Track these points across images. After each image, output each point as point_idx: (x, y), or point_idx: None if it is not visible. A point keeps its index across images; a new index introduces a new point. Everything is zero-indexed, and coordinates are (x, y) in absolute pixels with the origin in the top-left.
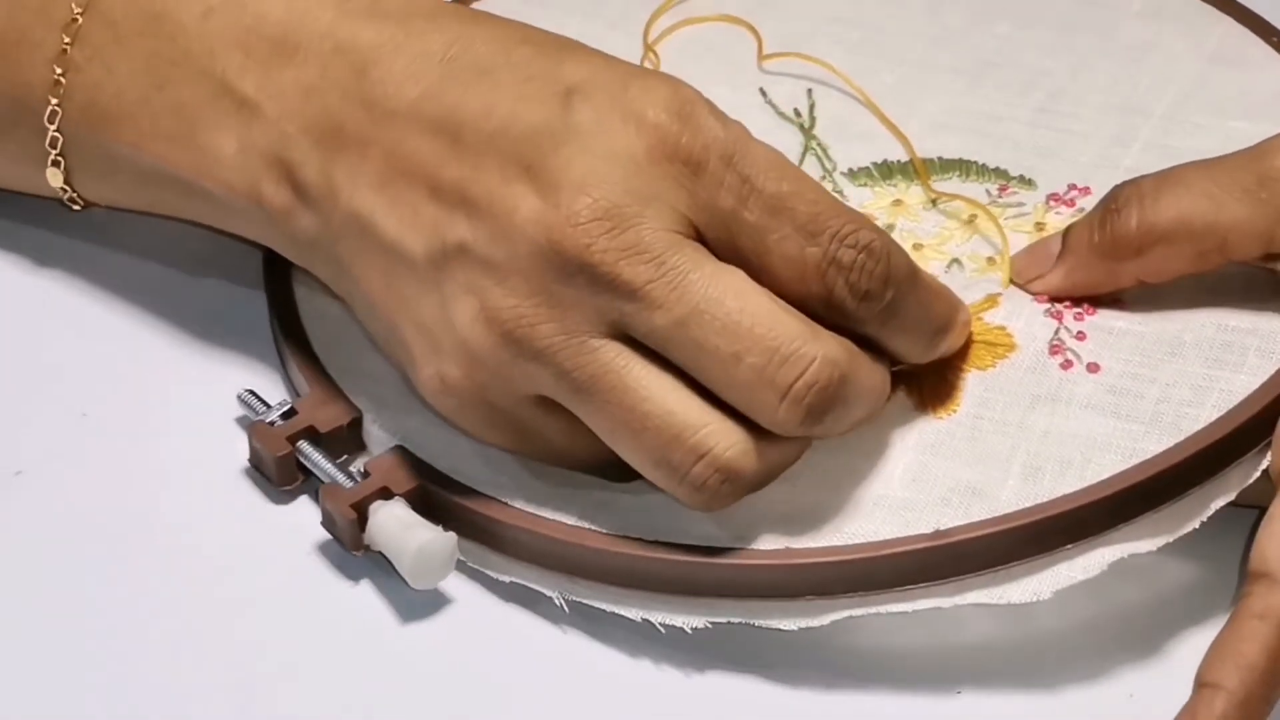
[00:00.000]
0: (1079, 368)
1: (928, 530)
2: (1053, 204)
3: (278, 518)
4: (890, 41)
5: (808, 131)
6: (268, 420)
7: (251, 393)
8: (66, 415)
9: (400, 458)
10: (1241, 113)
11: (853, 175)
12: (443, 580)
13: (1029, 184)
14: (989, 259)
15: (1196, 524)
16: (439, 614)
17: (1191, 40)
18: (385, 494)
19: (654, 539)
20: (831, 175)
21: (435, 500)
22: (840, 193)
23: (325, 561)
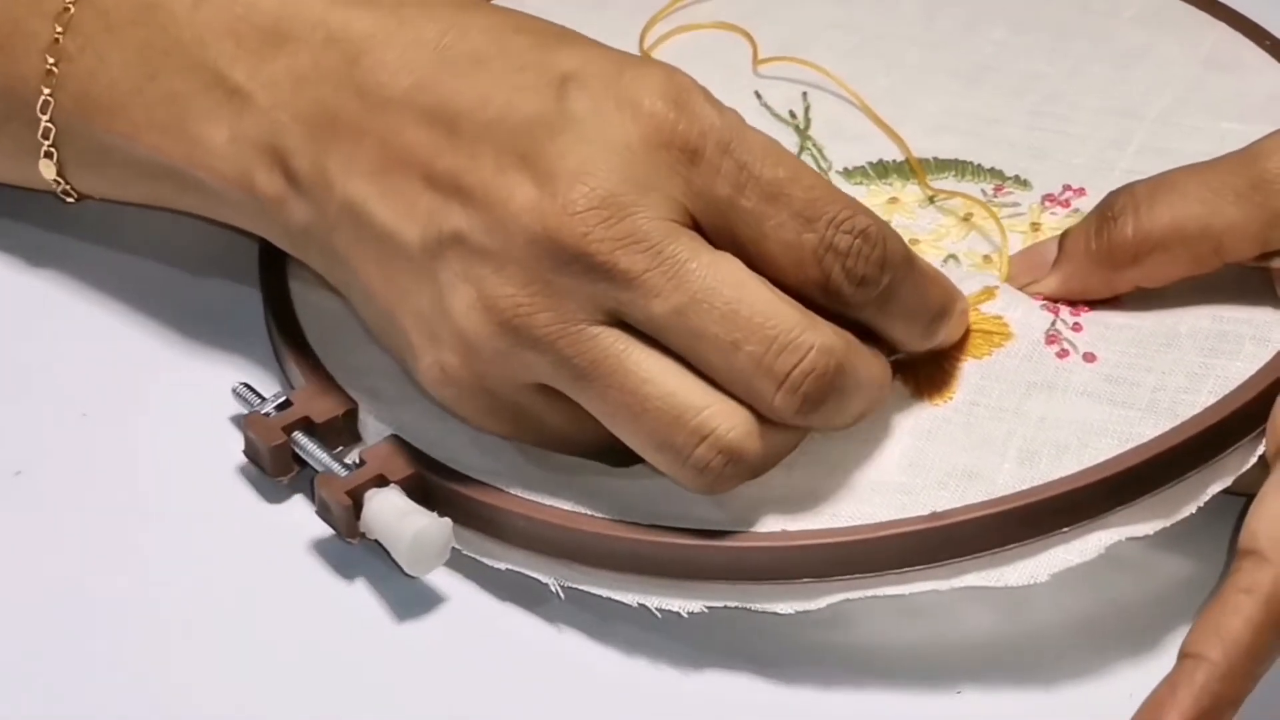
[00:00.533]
0: (1075, 357)
1: (924, 513)
2: (1048, 204)
3: (274, 516)
4: (885, 46)
5: (803, 133)
6: (263, 412)
7: (246, 385)
8: (66, 415)
9: (395, 446)
10: (1235, 115)
11: (848, 174)
12: (438, 567)
13: (1024, 184)
14: (985, 257)
15: (1193, 508)
16: (435, 611)
17: (1185, 45)
18: (380, 481)
19: (650, 523)
20: (827, 174)
21: (431, 487)
22: None
23: (321, 559)
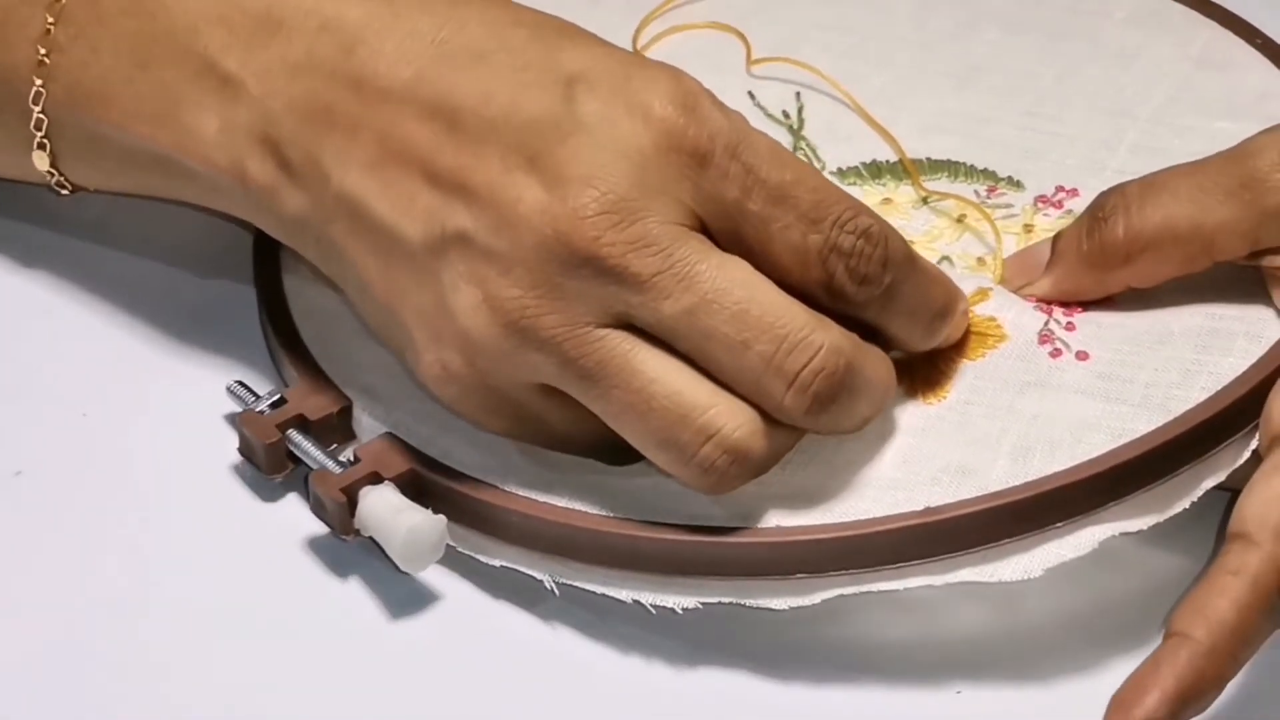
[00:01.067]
0: (1068, 356)
1: (918, 509)
2: (1041, 206)
3: (270, 513)
4: (878, 47)
5: (796, 133)
6: (257, 409)
7: (241, 383)
8: (67, 415)
9: (390, 443)
10: (1227, 114)
11: (841, 174)
12: (433, 564)
13: (1017, 185)
14: (979, 259)
15: (1187, 504)
16: (429, 610)
17: (1176, 44)
18: (375, 479)
19: (645, 520)
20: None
21: (425, 484)
22: None
23: (316, 556)
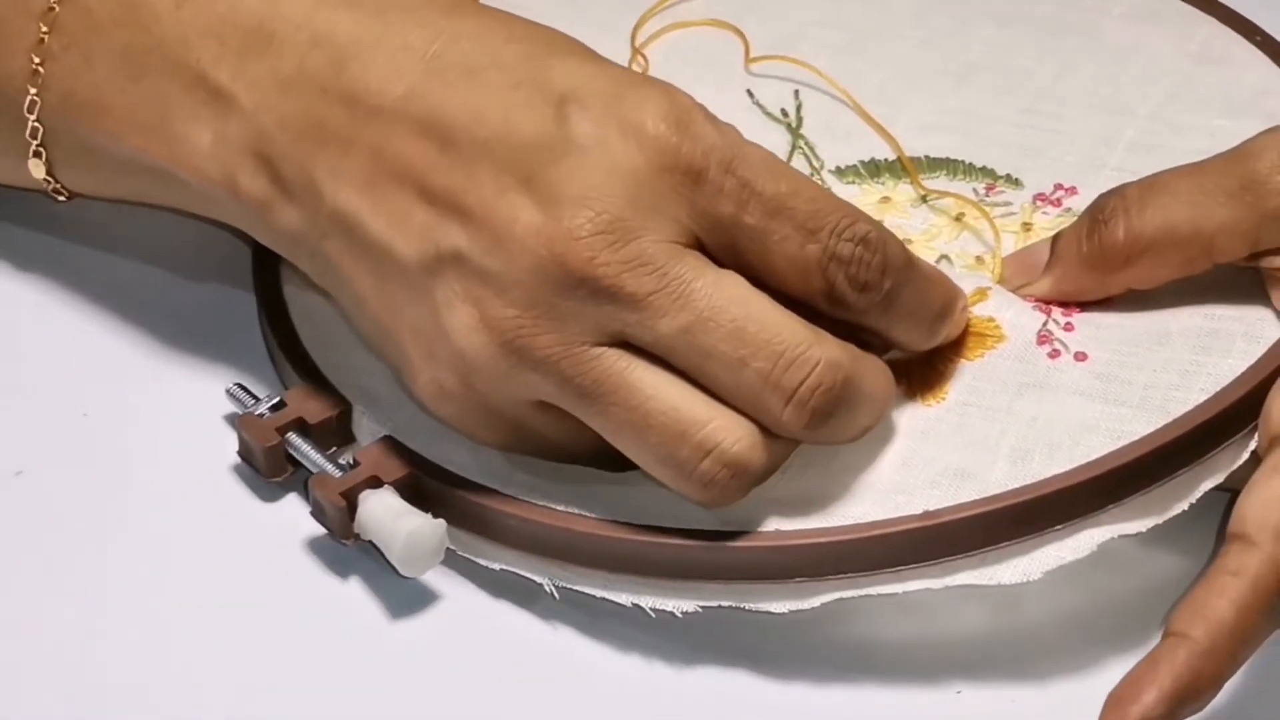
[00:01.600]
0: (1066, 356)
1: (917, 512)
2: (1039, 204)
3: (269, 514)
4: (876, 44)
5: (795, 131)
6: (257, 413)
7: (241, 386)
8: (67, 415)
9: (390, 447)
10: (1226, 111)
11: (840, 173)
12: (432, 568)
13: (1016, 183)
14: (977, 257)
15: (1185, 505)
16: (429, 610)
17: (1175, 41)
18: (375, 482)
19: (644, 523)
20: (819, 173)
21: (425, 488)
22: None
23: (316, 557)
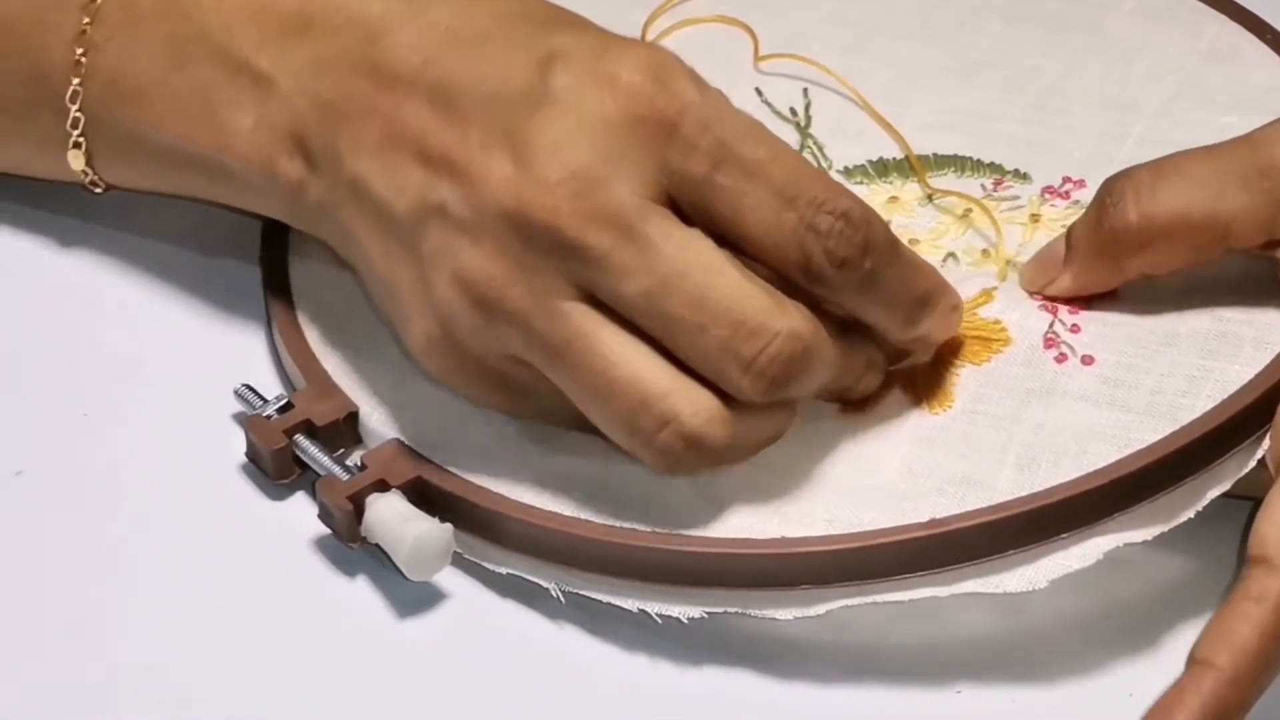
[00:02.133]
0: (1073, 360)
1: (923, 520)
2: (1047, 196)
3: (276, 514)
4: (883, 42)
5: (804, 130)
6: (264, 414)
7: (248, 387)
8: (67, 415)
9: (397, 450)
10: (1235, 108)
11: (848, 173)
12: (439, 572)
13: (1024, 178)
14: (984, 251)
15: (1191, 513)
16: (435, 609)
17: (1185, 37)
18: (382, 486)
19: (650, 530)
20: (828, 173)
21: (432, 492)
22: None
23: (323, 557)
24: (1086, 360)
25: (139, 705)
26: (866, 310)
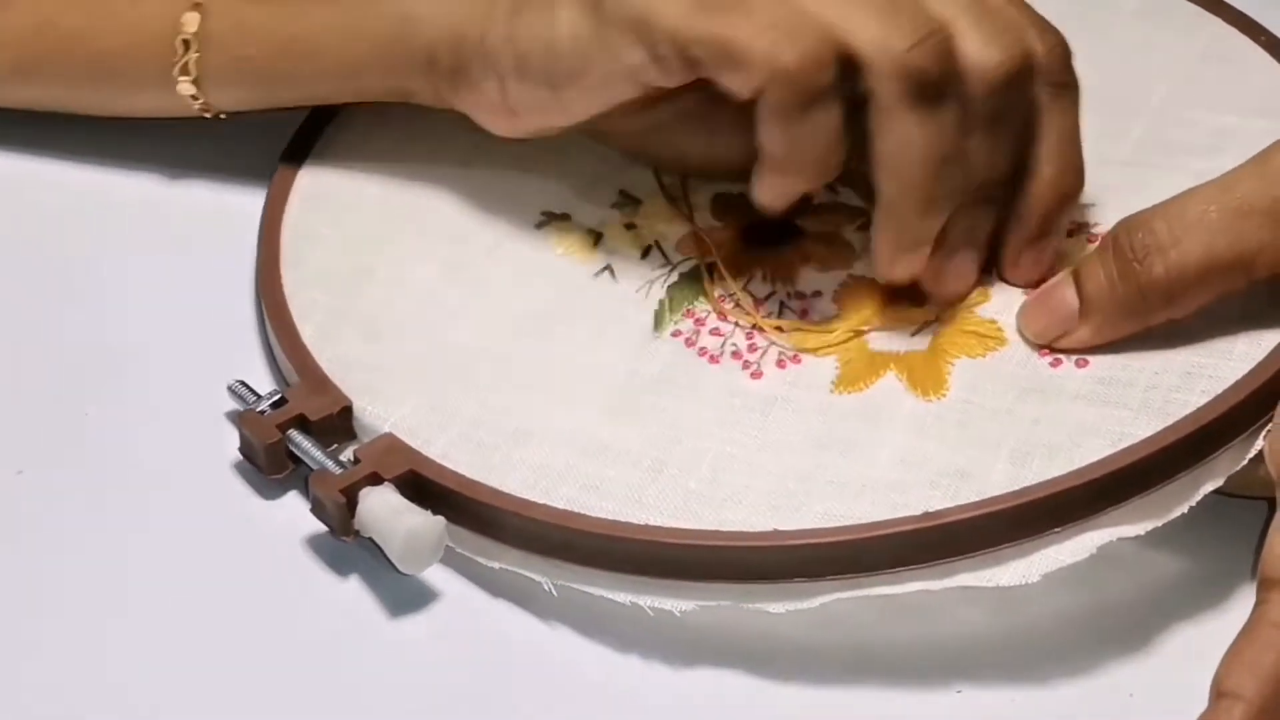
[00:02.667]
0: (1068, 364)
1: (916, 512)
2: None
3: (270, 511)
4: None
5: None
6: (258, 410)
7: (242, 383)
8: (67, 415)
9: (390, 444)
10: (1233, 109)
11: None
12: (431, 565)
13: None
14: None
15: (1185, 508)
16: (428, 608)
17: (1182, 40)
18: (375, 479)
19: (643, 523)
20: None
21: (425, 486)
22: (836, 190)
23: (316, 554)
24: (1081, 363)
25: (136, 702)
26: (1050, 133)
